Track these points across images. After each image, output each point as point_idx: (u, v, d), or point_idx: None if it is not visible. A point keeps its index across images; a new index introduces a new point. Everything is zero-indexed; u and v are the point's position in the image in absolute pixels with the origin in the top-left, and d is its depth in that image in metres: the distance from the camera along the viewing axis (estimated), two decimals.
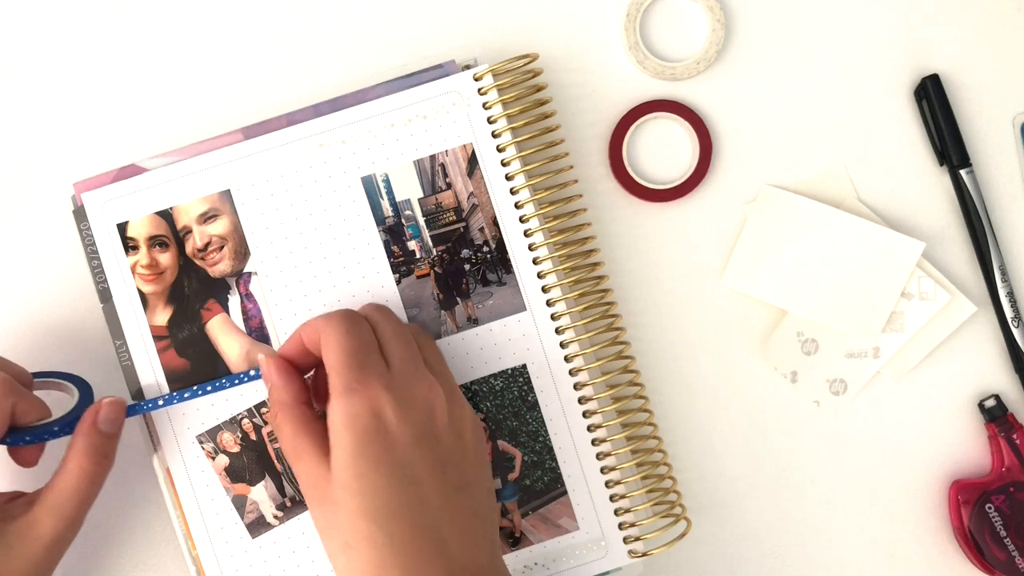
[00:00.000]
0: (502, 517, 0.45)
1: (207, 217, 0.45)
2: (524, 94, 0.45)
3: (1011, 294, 0.49)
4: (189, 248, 0.45)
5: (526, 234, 0.45)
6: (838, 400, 0.49)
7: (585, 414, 0.45)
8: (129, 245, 0.45)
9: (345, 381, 0.38)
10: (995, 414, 0.49)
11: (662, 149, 0.50)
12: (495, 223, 0.45)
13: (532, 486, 0.45)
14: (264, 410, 0.44)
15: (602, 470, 0.45)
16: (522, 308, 0.45)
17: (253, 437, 0.44)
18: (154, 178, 0.45)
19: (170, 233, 0.45)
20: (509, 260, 0.45)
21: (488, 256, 0.45)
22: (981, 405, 0.49)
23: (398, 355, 0.40)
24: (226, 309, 0.45)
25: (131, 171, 0.45)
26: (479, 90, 0.45)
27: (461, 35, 0.49)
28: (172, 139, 0.48)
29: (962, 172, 0.49)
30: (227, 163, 0.45)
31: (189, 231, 0.45)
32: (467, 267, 0.45)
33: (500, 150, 0.45)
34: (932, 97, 0.49)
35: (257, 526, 0.44)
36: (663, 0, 0.50)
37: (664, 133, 0.50)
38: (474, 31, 0.49)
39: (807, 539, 0.50)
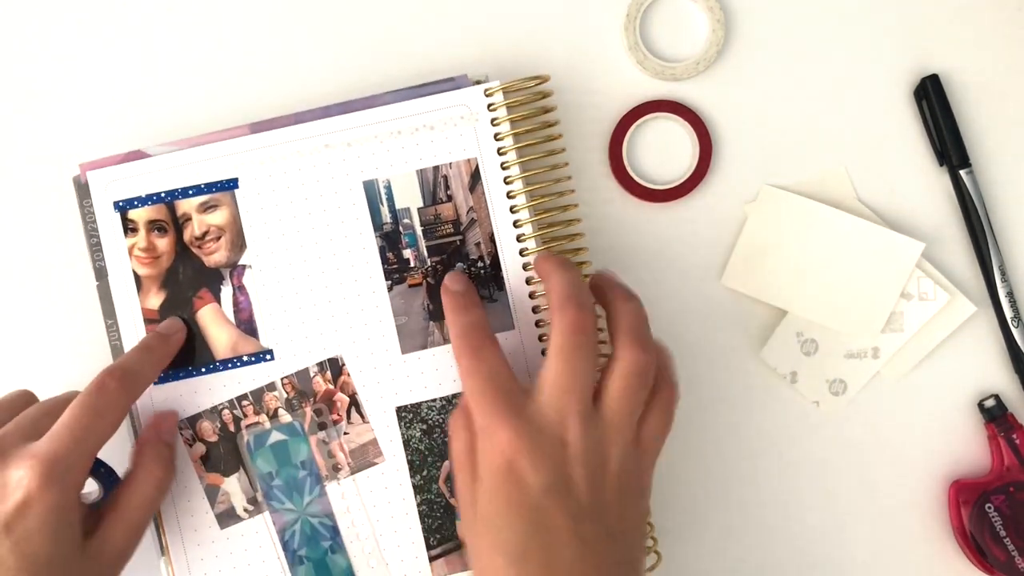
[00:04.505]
0: None
1: (207, 206, 0.45)
2: (532, 114, 0.45)
3: (1011, 294, 0.49)
4: (187, 235, 0.45)
5: (522, 253, 0.45)
6: (838, 400, 0.49)
7: None
8: (128, 227, 0.45)
9: (476, 421, 0.38)
10: (995, 414, 0.49)
11: (662, 149, 0.50)
12: (492, 240, 0.45)
13: None
14: (246, 402, 0.45)
15: None
16: (510, 327, 0.45)
17: (231, 428, 0.45)
18: (158, 163, 0.45)
19: (170, 219, 0.45)
20: (502, 278, 0.45)
21: (482, 272, 0.45)
22: (981, 405, 0.49)
23: (551, 374, 0.38)
24: (218, 299, 0.45)
25: (136, 156, 0.45)
26: (489, 106, 0.45)
27: (461, 34, 0.49)
28: (180, 131, 0.49)
29: (962, 172, 0.49)
30: (231, 155, 0.45)
31: (188, 218, 0.45)
32: None
33: (504, 167, 0.45)
34: (932, 97, 0.49)
35: (226, 517, 0.45)
36: (663, 0, 0.50)
37: (664, 133, 0.50)
38: (474, 30, 0.49)
39: (807, 539, 0.50)
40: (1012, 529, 0.47)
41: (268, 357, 0.45)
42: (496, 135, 0.45)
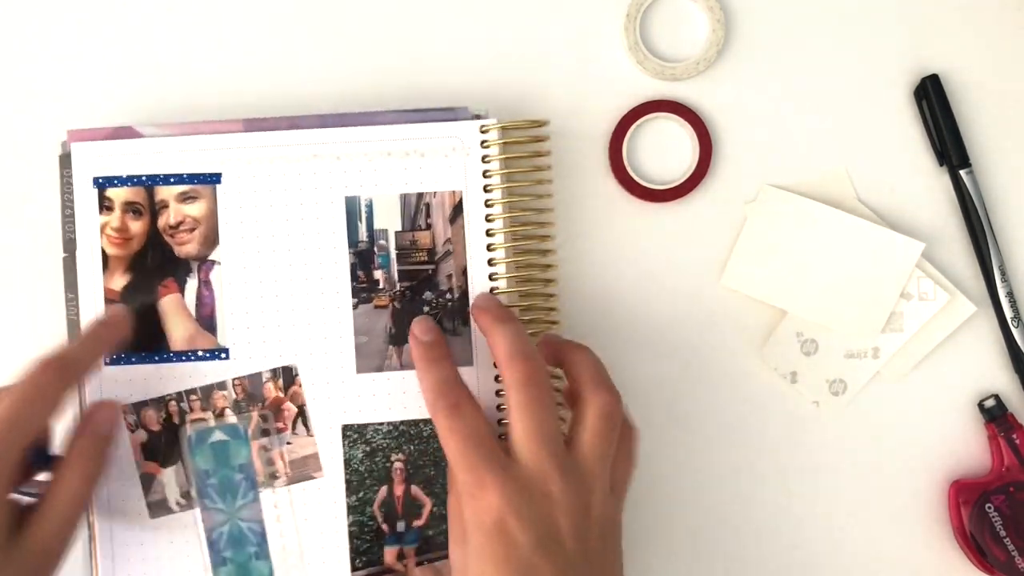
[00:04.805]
0: (397, 561, 0.45)
1: (186, 196, 0.45)
2: (524, 157, 0.46)
3: (1011, 294, 0.49)
4: (161, 222, 0.45)
5: (491, 292, 0.45)
6: (838, 400, 0.49)
7: None
8: (104, 205, 0.45)
9: (460, 480, 0.38)
10: (995, 414, 0.49)
11: (662, 149, 0.50)
12: (464, 274, 0.45)
13: (435, 537, 0.45)
14: (193, 397, 0.45)
15: None
16: (469, 363, 0.45)
17: (176, 421, 0.45)
18: (145, 146, 0.45)
19: (147, 203, 0.45)
20: (468, 313, 0.45)
21: (449, 304, 0.45)
22: (981, 405, 0.49)
23: (520, 430, 0.39)
24: (182, 291, 0.45)
25: (126, 133, 0.45)
26: (482, 143, 0.45)
27: (460, 25, 0.49)
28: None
29: (962, 172, 0.49)
30: (220, 149, 0.45)
31: (166, 205, 0.45)
32: (426, 309, 0.45)
33: (488, 205, 0.45)
34: (932, 97, 0.49)
35: (158, 507, 0.45)
36: (663, 0, 0.50)
37: (664, 133, 0.50)
38: (473, 27, 0.49)
39: (807, 539, 0.50)
40: (1012, 529, 0.47)
41: (223, 356, 0.45)
42: (485, 172, 0.45)
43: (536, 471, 0.38)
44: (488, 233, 0.45)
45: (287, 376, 0.45)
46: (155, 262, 0.45)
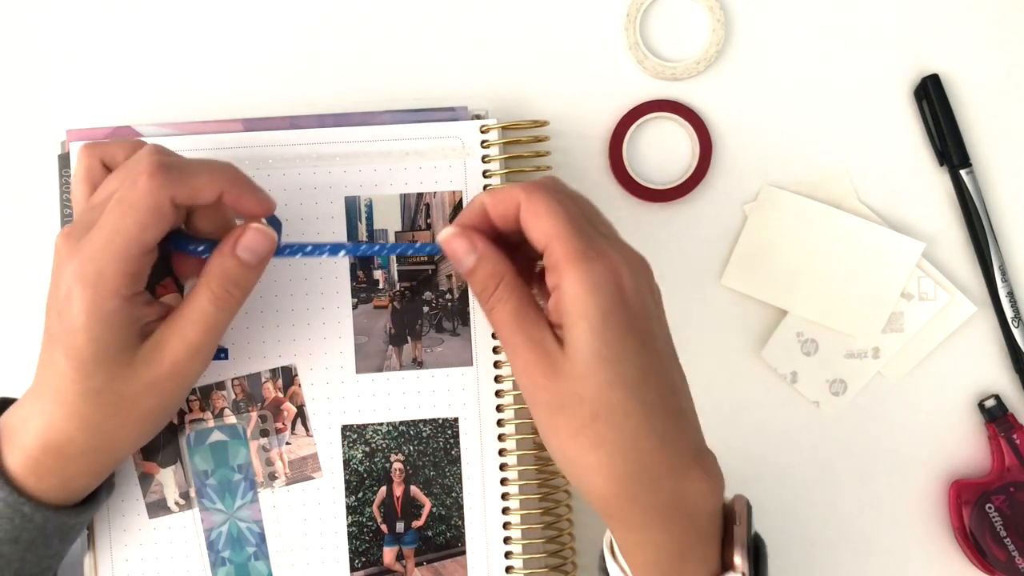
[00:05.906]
0: (396, 562, 0.45)
1: None
2: (525, 157, 0.46)
3: (1011, 294, 0.49)
4: None
5: None
6: (838, 400, 0.49)
7: (503, 481, 0.45)
8: None
9: (579, 247, 0.35)
10: (995, 414, 0.49)
11: (662, 149, 0.50)
12: None
13: (433, 538, 0.45)
14: (192, 397, 0.44)
15: (505, 540, 0.45)
16: (468, 363, 0.45)
17: (175, 421, 0.44)
18: None
19: None
20: (468, 313, 0.45)
21: (448, 304, 0.45)
22: (981, 405, 0.49)
23: (606, 225, 0.38)
24: (180, 291, 0.44)
25: (125, 133, 0.45)
26: (482, 143, 0.45)
27: (460, 23, 0.49)
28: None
29: (962, 172, 0.49)
30: (219, 149, 0.45)
31: None
32: (425, 309, 0.45)
33: None
34: (932, 97, 0.49)
35: (157, 507, 0.45)
36: (663, 0, 0.50)
37: (664, 133, 0.50)
38: (474, 25, 0.49)
39: (807, 539, 0.50)
40: (1012, 529, 0.47)
41: (222, 356, 0.45)
42: (485, 172, 0.45)
43: (625, 247, 0.37)
44: None
45: (286, 376, 0.45)
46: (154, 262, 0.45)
